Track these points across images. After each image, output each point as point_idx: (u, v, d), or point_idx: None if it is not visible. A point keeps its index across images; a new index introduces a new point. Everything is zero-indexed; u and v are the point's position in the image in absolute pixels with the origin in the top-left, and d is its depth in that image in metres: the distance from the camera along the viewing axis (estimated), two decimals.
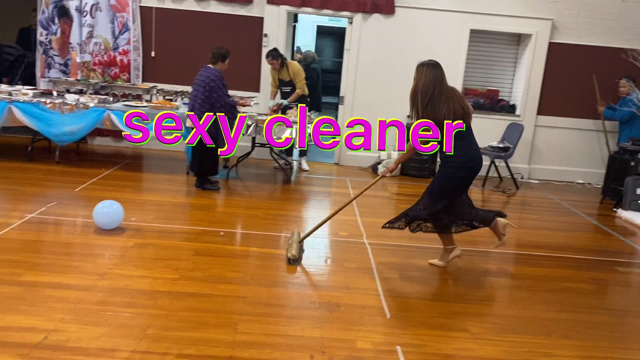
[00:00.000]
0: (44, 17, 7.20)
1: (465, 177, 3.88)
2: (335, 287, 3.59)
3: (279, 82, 6.87)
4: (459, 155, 3.80)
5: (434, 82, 3.75)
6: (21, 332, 2.69)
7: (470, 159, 3.85)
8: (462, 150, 3.80)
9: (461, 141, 3.80)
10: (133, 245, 4.02)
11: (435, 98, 3.72)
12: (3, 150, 6.67)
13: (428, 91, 3.74)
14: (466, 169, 3.85)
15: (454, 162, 3.81)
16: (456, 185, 3.88)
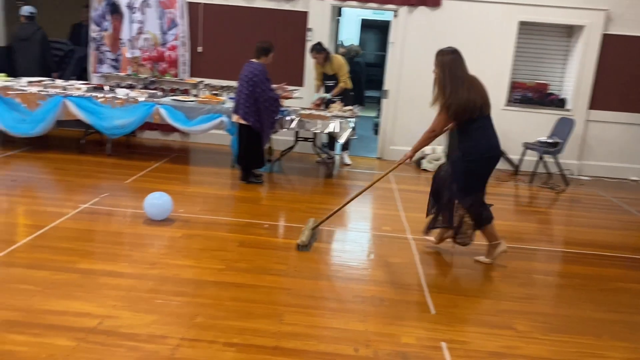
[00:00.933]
0: (96, 14, 7.45)
1: (486, 167, 3.85)
2: (379, 281, 3.59)
3: (322, 76, 6.89)
4: (477, 146, 3.78)
5: (453, 69, 3.75)
6: (77, 317, 2.82)
7: (489, 148, 3.81)
8: (480, 140, 3.78)
9: (480, 131, 3.78)
10: (181, 235, 4.13)
11: (455, 85, 3.71)
12: (58, 142, 6.96)
13: (448, 78, 3.73)
14: (486, 159, 3.81)
15: (473, 153, 3.78)
16: (479, 175, 3.85)
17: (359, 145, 8.15)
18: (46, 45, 7.18)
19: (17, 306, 2.87)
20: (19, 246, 3.65)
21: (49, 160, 6.08)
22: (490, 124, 3.85)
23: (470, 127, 3.77)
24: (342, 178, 6.52)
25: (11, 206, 4.52)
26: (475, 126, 3.76)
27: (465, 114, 3.70)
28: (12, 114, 6.19)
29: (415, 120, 7.43)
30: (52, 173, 5.68)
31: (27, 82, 6.49)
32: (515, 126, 7.43)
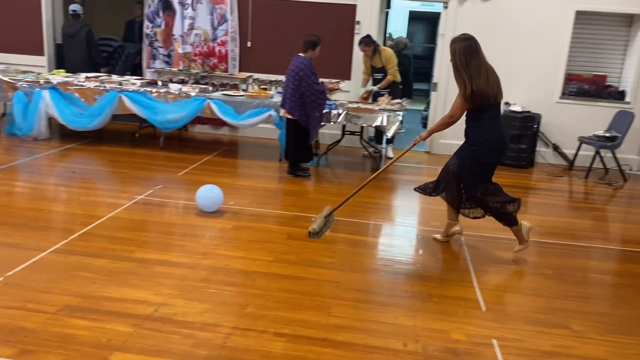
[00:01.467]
0: (149, 11, 7.66)
1: (494, 158, 3.86)
2: (428, 277, 3.56)
3: (371, 69, 6.85)
4: (487, 135, 3.78)
5: (468, 56, 3.71)
6: (134, 304, 2.93)
7: (496, 139, 3.81)
8: (490, 129, 3.79)
9: (490, 121, 3.79)
10: (232, 227, 4.21)
11: (472, 71, 3.68)
12: (113, 136, 7.22)
13: (463, 65, 3.70)
14: (494, 151, 3.82)
15: (483, 143, 3.78)
16: (486, 166, 3.85)
17: (406, 139, 8.05)
18: (92, 42, 7.38)
19: (78, 292, 3.01)
20: (79, 235, 3.82)
21: (105, 153, 6.32)
22: (499, 114, 3.87)
23: (481, 116, 3.77)
24: (390, 172, 6.47)
25: (71, 197, 4.73)
26: (486, 116, 3.77)
27: (483, 100, 3.70)
28: (71, 109, 6.46)
29: None
30: (109, 165, 5.90)
31: (85, 78, 6.75)
32: (570, 119, 7.18)
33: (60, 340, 2.54)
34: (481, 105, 3.71)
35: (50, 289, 3.01)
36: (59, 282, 3.10)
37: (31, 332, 2.59)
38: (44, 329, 2.62)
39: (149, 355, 2.49)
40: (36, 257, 3.41)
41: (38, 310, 2.79)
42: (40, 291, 2.98)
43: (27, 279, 3.12)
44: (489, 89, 3.69)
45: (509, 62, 7.11)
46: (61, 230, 3.92)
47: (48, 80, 6.52)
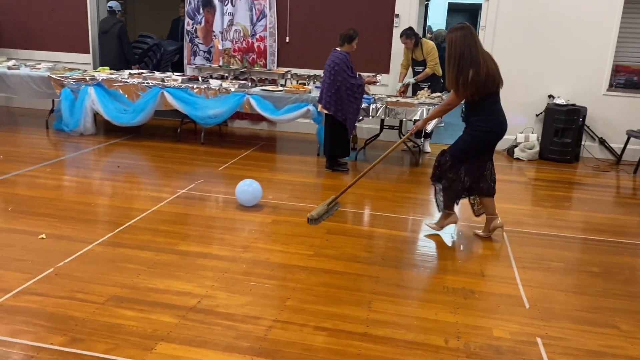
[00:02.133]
0: (190, 8, 7.78)
1: (490, 142, 3.93)
2: (469, 273, 3.51)
3: (411, 62, 6.78)
4: (490, 120, 3.85)
5: (468, 44, 3.71)
6: (178, 296, 3.00)
7: (499, 124, 3.90)
8: (493, 115, 3.86)
9: (494, 106, 3.86)
10: (271, 221, 4.25)
11: (473, 60, 3.69)
12: (156, 131, 7.38)
13: (464, 54, 3.70)
14: (493, 134, 3.90)
15: (485, 126, 3.85)
16: (480, 148, 3.92)
17: (446, 133, 7.96)
18: (124, 38, 7.48)
19: (125, 283, 3.10)
20: (124, 228, 3.93)
21: (148, 148, 6.47)
22: (498, 100, 3.92)
23: (483, 102, 3.81)
24: (428, 167, 6.40)
25: (116, 190, 4.87)
26: (488, 102, 3.82)
27: (485, 89, 3.74)
28: (115, 105, 6.65)
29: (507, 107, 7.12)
30: (151, 160, 6.04)
31: (129, 74, 6.92)
32: (617, 112, 6.94)
33: (108, 330, 2.63)
34: (479, 93, 3.75)
35: (98, 280, 3.12)
36: (107, 273, 3.20)
37: (81, 321, 2.69)
38: (92, 319, 2.72)
39: (193, 345, 2.54)
40: (84, 249, 3.53)
41: (87, 300, 2.89)
42: (89, 282, 3.09)
43: (76, 269, 3.24)
44: (490, 79, 3.72)
45: (553, 54, 6.92)
46: (107, 223, 4.04)
47: (93, 77, 6.72)
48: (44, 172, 5.22)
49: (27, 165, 5.41)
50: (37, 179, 4.99)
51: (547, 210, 4.94)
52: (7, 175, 5.05)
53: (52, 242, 3.61)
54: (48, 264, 3.27)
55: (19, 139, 6.56)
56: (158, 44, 8.09)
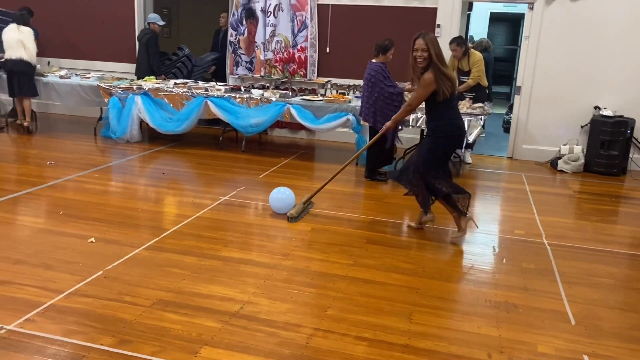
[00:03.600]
0: (234, 19, 7.95)
1: (454, 145, 4.16)
2: (512, 287, 3.45)
3: (458, 72, 6.72)
4: (450, 125, 4.06)
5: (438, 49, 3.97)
6: (221, 301, 3.06)
7: (454, 128, 4.08)
8: (452, 119, 4.07)
9: (450, 111, 4.06)
10: (311, 229, 4.29)
11: (436, 66, 3.92)
12: (199, 139, 7.55)
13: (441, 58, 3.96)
14: (455, 138, 4.11)
15: (446, 130, 4.05)
16: (445, 153, 4.14)
17: (487, 144, 7.86)
18: (150, 48, 7.61)
19: (170, 288, 3.18)
20: (169, 233, 4.04)
21: (191, 156, 6.62)
22: (455, 105, 4.16)
23: (438, 107, 4.01)
24: (469, 178, 6.33)
25: (161, 196, 5.00)
26: (445, 106, 4.00)
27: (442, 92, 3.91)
28: (160, 113, 6.84)
29: (551, 118, 7.02)
30: (194, 167, 6.18)
31: (174, 84, 7.12)
32: None
33: (154, 333, 2.71)
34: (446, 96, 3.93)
35: (145, 284, 3.21)
36: (153, 277, 3.30)
37: (128, 324, 2.77)
38: (140, 321, 2.80)
39: (236, 351, 2.59)
40: (131, 253, 3.64)
41: (134, 303, 2.98)
42: (136, 285, 3.19)
43: (124, 273, 3.34)
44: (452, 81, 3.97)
45: (599, 64, 6.76)
46: (153, 228, 4.16)
47: (140, 87, 6.94)
48: (93, 178, 5.41)
49: (77, 170, 5.62)
50: (86, 184, 5.18)
51: (593, 225, 4.81)
52: (58, 180, 5.26)
53: (101, 246, 3.74)
54: (97, 267, 3.39)
55: (69, 146, 6.82)
56: (188, 56, 8.22)
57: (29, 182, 5.12)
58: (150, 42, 7.61)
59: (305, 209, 4.57)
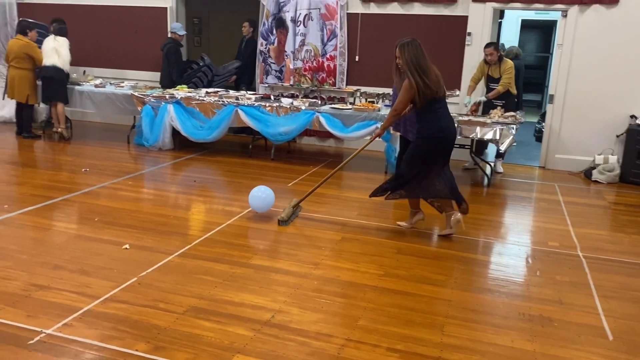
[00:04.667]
0: (264, 29, 8.04)
1: (435, 147, 4.21)
2: (547, 300, 3.38)
3: (487, 79, 6.66)
4: (429, 127, 4.17)
5: (417, 56, 4.08)
6: (253, 309, 3.08)
7: (441, 130, 4.18)
8: (433, 121, 4.17)
9: (432, 114, 4.16)
10: (340, 239, 4.29)
11: (420, 67, 4.06)
12: (229, 147, 7.64)
13: (414, 64, 4.06)
14: (437, 139, 4.19)
15: (428, 132, 4.18)
16: (426, 155, 4.21)
17: (518, 153, 7.75)
18: (169, 58, 7.78)
19: (202, 295, 3.22)
20: (201, 240, 4.09)
21: (221, 163, 6.71)
22: (443, 107, 4.21)
23: (426, 108, 4.14)
24: (500, 187, 6.25)
25: (192, 204, 5.07)
26: (428, 109, 4.14)
27: (426, 95, 4.06)
28: (192, 122, 6.95)
29: (585, 127, 6.89)
30: (225, 175, 6.25)
31: (205, 93, 7.22)
32: None
33: (188, 340, 2.74)
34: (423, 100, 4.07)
35: (178, 290, 3.26)
36: (185, 284, 3.34)
37: (163, 330, 2.82)
38: (174, 328, 2.84)
39: None
40: (164, 260, 3.70)
41: (168, 310, 3.02)
42: (169, 292, 3.23)
43: (157, 279, 3.40)
44: (431, 86, 4.05)
45: (635, 72, 6.61)
46: (185, 235, 4.22)
47: (172, 95, 7.06)
48: (126, 185, 5.52)
49: (111, 178, 5.74)
50: (119, 191, 5.29)
51: (630, 237, 4.69)
52: (93, 187, 5.38)
53: (134, 252, 3.81)
54: (132, 273, 3.45)
55: (103, 153, 6.97)
56: (209, 65, 8.29)
57: (64, 189, 5.26)
58: (170, 51, 7.78)
59: (295, 212, 4.67)
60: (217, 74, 8.22)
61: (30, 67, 7.40)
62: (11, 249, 3.79)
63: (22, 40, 7.32)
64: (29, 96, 7.46)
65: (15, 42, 7.37)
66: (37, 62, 7.38)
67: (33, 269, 3.48)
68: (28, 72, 7.41)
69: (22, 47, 7.30)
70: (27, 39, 7.35)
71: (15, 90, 7.40)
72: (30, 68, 7.41)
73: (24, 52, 7.30)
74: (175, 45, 7.81)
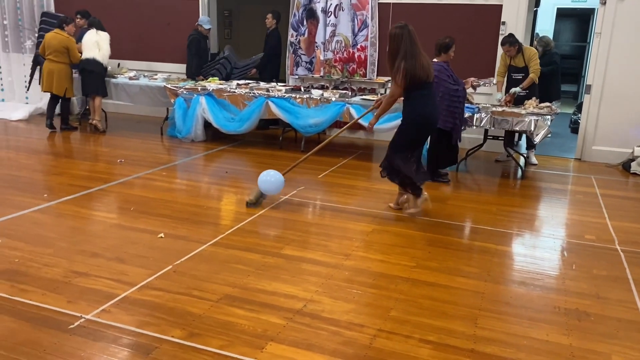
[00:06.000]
0: (294, 20, 8.04)
1: (419, 132, 4.49)
2: (583, 294, 3.32)
3: (509, 69, 6.53)
4: (414, 112, 4.38)
5: (404, 42, 4.23)
6: (285, 298, 3.10)
7: (424, 114, 4.39)
8: (415, 107, 4.38)
9: (418, 100, 4.35)
10: (372, 230, 4.28)
11: (411, 54, 4.22)
12: (259, 139, 7.69)
13: (400, 50, 4.24)
14: (419, 125, 4.43)
15: (410, 117, 4.41)
16: (412, 138, 4.46)
17: (553, 145, 7.59)
18: (189, 50, 7.95)
19: (236, 283, 3.26)
20: (233, 230, 4.14)
21: (252, 155, 6.76)
22: (427, 94, 4.39)
23: (410, 95, 4.35)
24: (533, 179, 6.13)
25: (224, 194, 5.13)
26: (415, 95, 4.34)
27: (413, 80, 4.25)
28: (223, 113, 7.01)
29: (624, 118, 6.69)
30: (255, 166, 6.29)
31: (236, 85, 7.28)
32: None
33: (222, 327, 2.79)
34: (412, 85, 4.27)
35: (212, 279, 3.31)
36: (219, 273, 3.39)
37: (197, 317, 2.87)
38: (208, 315, 2.89)
39: (301, 348, 2.62)
40: (198, 249, 3.76)
41: (202, 298, 3.07)
42: (204, 280, 3.29)
43: (192, 268, 3.46)
44: (418, 72, 4.22)
45: None
46: (218, 225, 4.28)
47: (204, 88, 7.14)
48: (160, 176, 5.62)
49: (145, 168, 5.85)
50: (154, 182, 5.39)
51: None
52: (128, 177, 5.50)
53: (169, 241, 3.89)
54: (167, 262, 3.52)
55: (137, 144, 7.11)
56: (227, 57, 8.33)
57: (101, 179, 5.38)
58: (191, 42, 7.92)
59: (263, 194, 4.72)
60: (236, 66, 8.28)
61: (68, 61, 7.54)
62: (51, 237, 3.91)
63: (61, 34, 7.42)
64: (67, 89, 7.59)
65: (54, 36, 7.47)
66: (73, 58, 7.47)
67: (72, 256, 3.58)
68: (66, 66, 7.53)
69: (61, 41, 7.38)
70: (66, 34, 7.46)
71: (54, 84, 7.51)
72: (68, 62, 7.54)
73: (64, 46, 7.38)
74: (197, 37, 7.92)
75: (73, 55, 7.48)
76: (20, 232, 3.98)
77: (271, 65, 8.20)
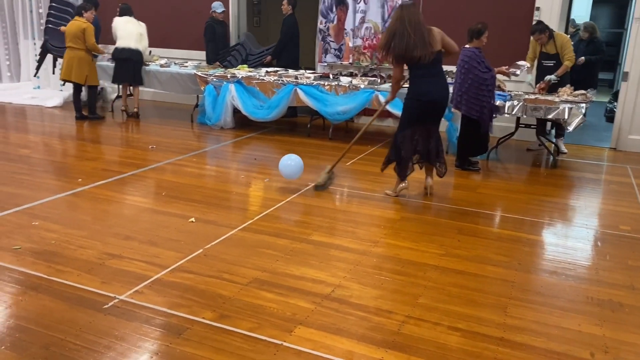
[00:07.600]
0: (323, 7, 8.00)
1: (416, 109, 4.45)
2: (617, 285, 3.25)
3: (540, 56, 6.37)
4: (411, 90, 4.47)
5: (396, 22, 4.28)
6: (313, 283, 3.13)
7: (419, 94, 4.41)
8: (415, 84, 4.43)
9: (417, 78, 4.41)
10: (400, 218, 4.27)
11: (396, 36, 4.25)
12: (287, 127, 7.71)
13: (390, 30, 4.31)
14: (415, 101, 4.43)
15: (408, 94, 4.50)
16: (409, 117, 4.49)
17: (587, 133, 7.41)
18: (205, 36, 8.09)
19: (265, 268, 3.30)
20: (262, 216, 4.17)
21: (280, 142, 6.78)
22: (427, 74, 4.39)
23: (411, 74, 4.45)
24: (565, 168, 6.00)
25: (253, 181, 5.18)
26: (415, 73, 4.41)
27: (405, 61, 4.34)
28: (252, 101, 7.05)
29: None
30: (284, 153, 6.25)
31: (265, 72, 7.30)
32: None
33: (251, 310, 2.82)
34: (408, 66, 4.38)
35: (241, 263, 3.35)
36: (248, 257, 3.43)
37: (227, 300, 2.91)
38: (238, 298, 2.93)
39: (329, 332, 2.64)
40: (228, 233, 3.81)
41: (232, 281, 3.12)
42: (233, 264, 3.34)
43: (222, 252, 3.51)
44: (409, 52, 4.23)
45: None
46: (247, 211, 4.32)
47: (234, 75, 7.18)
48: (191, 162, 5.70)
49: (176, 154, 5.93)
50: (184, 168, 5.47)
51: None
52: (160, 163, 5.59)
53: (200, 226, 3.95)
54: (198, 245, 3.58)
55: (168, 131, 7.21)
56: (243, 44, 8.32)
57: (133, 165, 5.49)
58: (206, 30, 8.04)
59: (330, 177, 4.97)
60: (251, 53, 8.28)
61: (85, 47, 7.39)
62: (86, 220, 4.01)
63: (79, 20, 7.37)
64: (87, 77, 7.47)
65: (72, 22, 7.42)
66: (88, 43, 7.32)
67: (106, 239, 3.67)
68: (85, 53, 7.40)
69: (78, 26, 7.29)
70: (83, 20, 7.37)
71: (74, 72, 7.37)
72: (85, 47, 7.39)
73: (80, 29, 7.27)
74: (211, 23, 7.99)
75: (88, 40, 7.31)
76: (56, 215, 4.09)
77: (287, 52, 7.97)
